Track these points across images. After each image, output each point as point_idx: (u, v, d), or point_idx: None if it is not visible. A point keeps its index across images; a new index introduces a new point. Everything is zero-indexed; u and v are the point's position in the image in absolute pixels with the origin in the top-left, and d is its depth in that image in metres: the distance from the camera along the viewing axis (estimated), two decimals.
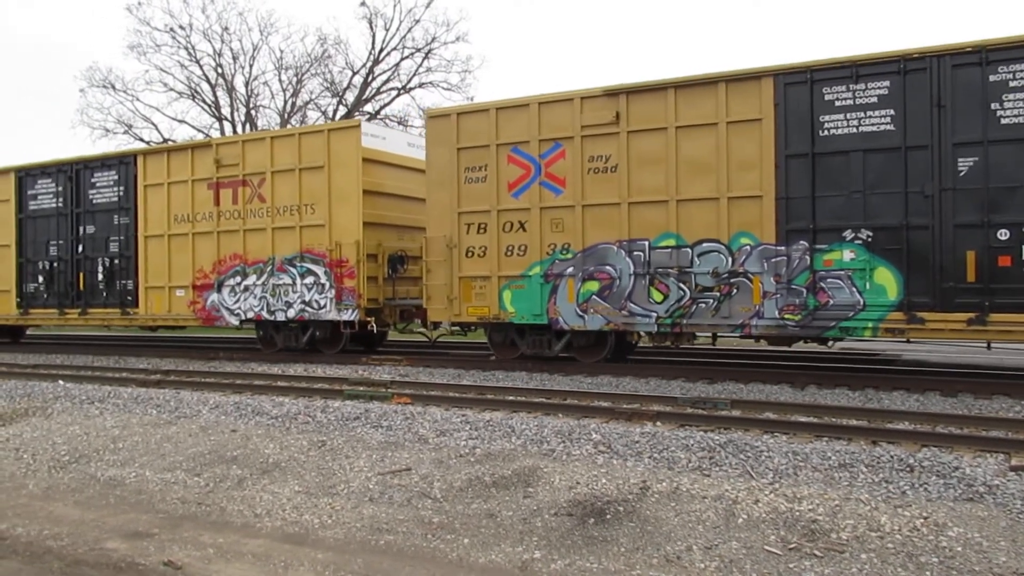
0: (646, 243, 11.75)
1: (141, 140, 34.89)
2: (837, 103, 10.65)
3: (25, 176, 18.74)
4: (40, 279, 18.60)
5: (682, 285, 11.49)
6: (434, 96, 38.35)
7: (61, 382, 12.70)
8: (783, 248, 10.89)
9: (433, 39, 34.36)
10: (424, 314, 14.50)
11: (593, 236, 12.15)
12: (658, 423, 8.34)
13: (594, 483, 6.30)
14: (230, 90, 35.58)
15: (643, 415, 8.57)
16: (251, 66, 36.06)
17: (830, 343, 11.85)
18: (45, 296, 18.54)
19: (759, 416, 8.52)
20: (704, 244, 11.40)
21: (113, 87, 35.00)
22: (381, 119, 34.39)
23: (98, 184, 17.64)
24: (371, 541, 5.58)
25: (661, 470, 6.64)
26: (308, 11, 46.30)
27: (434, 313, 13.63)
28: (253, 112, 35.87)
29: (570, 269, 12.28)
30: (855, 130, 10.56)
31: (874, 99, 10.47)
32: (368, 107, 35.43)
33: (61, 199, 18.14)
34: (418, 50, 34.57)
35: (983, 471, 6.09)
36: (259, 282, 15.42)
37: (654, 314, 11.68)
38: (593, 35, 67.34)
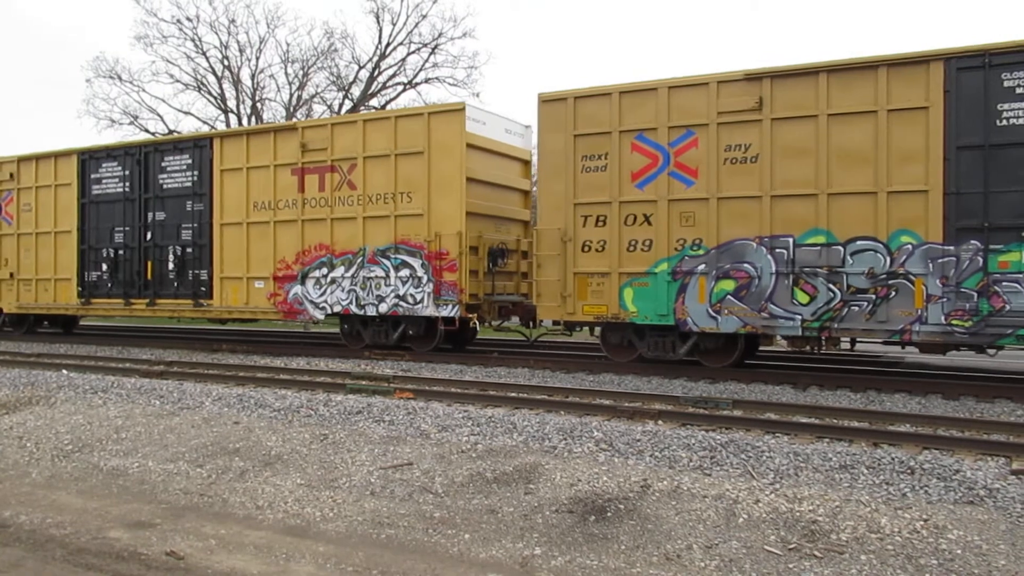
0: (790, 240, 10.89)
1: (146, 131, 34.98)
2: (1019, 90, 9.79)
3: (88, 159, 17.90)
4: (104, 267, 17.72)
5: (832, 286, 10.62)
6: (440, 92, 38.37)
7: (65, 371, 12.74)
8: (951, 248, 10.05)
9: (440, 34, 34.36)
10: (522, 311, 13.94)
11: (729, 231, 11.27)
12: (660, 422, 8.35)
13: (595, 481, 6.31)
14: (236, 82, 35.61)
15: (645, 414, 8.58)
16: (257, 59, 36.29)
17: (993, 352, 11.06)
18: (109, 285, 17.66)
19: (761, 416, 8.53)
20: (858, 242, 10.53)
21: (119, 78, 35.07)
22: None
23: (169, 168, 16.81)
24: (372, 535, 5.60)
25: (662, 469, 6.65)
26: (315, 5, 46.35)
27: (545, 311, 12.74)
28: (259, 105, 35.91)
29: (702, 266, 11.42)
30: None
31: None
32: (374, 102, 35.45)
33: (128, 183, 17.31)
34: (424, 45, 34.57)
35: (984, 474, 6.10)
36: (348, 274, 14.53)
37: (799, 316, 10.80)
38: (597, 32, 67.29)
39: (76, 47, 59.26)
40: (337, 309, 14.72)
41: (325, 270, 14.79)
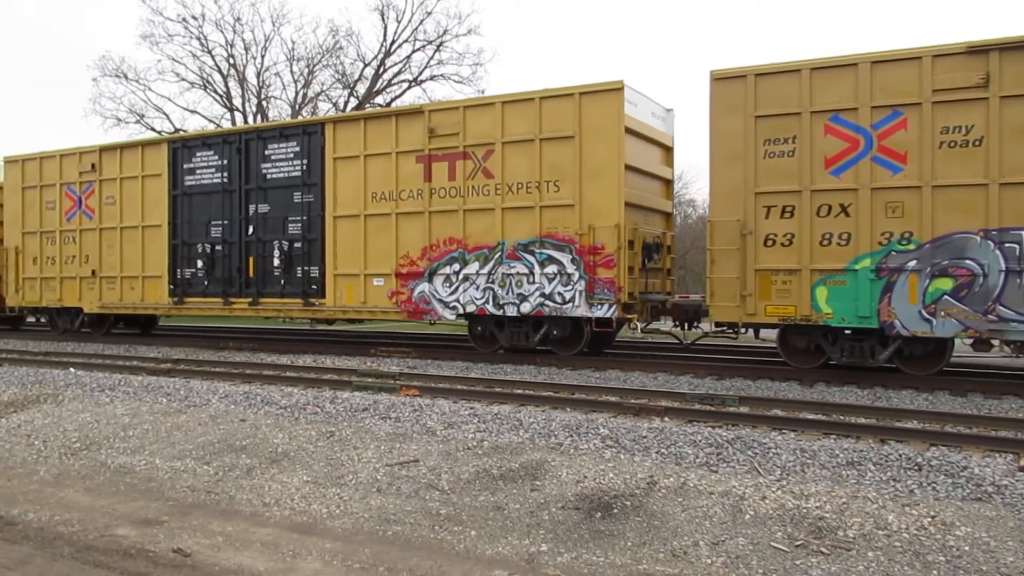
0: (1023, 233, 9.86)
1: (152, 130, 35.07)
2: None
3: (180, 148, 16.78)
4: (199, 264, 16.49)
5: None
6: (445, 89, 38.41)
7: (72, 370, 12.79)
8: None
9: (445, 31, 34.41)
10: (678, 311, 12.98)
11: (946, 224, 10.08)
12: (666, 418, 8.33)
13: (601, 477, 6.31)
14: (242, 81, 35.68)
15: (651, 410, 8.57)
16: (263, 57, 36.20)
17: None
18: (206, 283, 16.41)
19: (767, 413, 8.51)
20: None
21: (125, 76, 35.19)
22: None
23: (273, 157, 15.60)
24: (379, 532, 5.61)
25: (668, 465, 6.64)
26: (320, 2, 46.37)
27: (720, 312, 11.45)
28: (264, 103, 35.98)
29: (912, 263, 10.25)
30: None
31: None
32: (379, 99, 35.48)
33: (226, 173, 16.13)
34: (430, 42, 34.61)
35: (992, 471, 6.07)
36: (483, 271, 13.31)
37: None
38: (600, 28, 67.18)
39: (79, 47, 59.46)
40: (471, 309, 13.48)
41: (456, 266, 13.60)
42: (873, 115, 10.51)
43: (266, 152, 15.73)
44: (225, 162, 16.20)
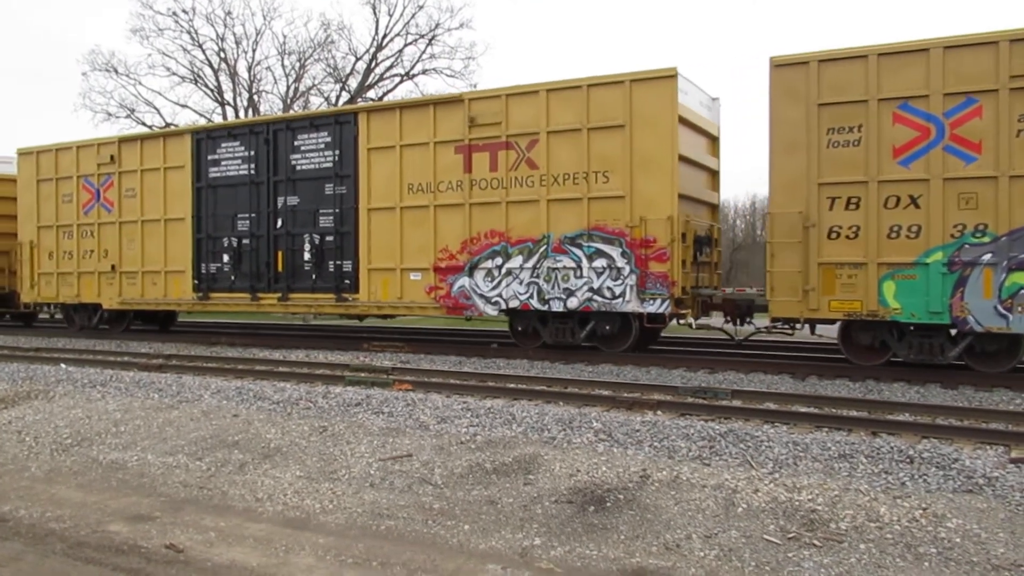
0: None
1: (143, 124, 34.87)
2: None
3: (204, 139, 16.33)
4: (225, 258, 16.06)
5: None
6: (437, 83, 38.29)
7: (63, 365, 12.73)
8: None
9: (437, 25, 34.34)
10: (731, 306, 12.50)
11: (1023, 215, 9.81)
12: (659, 412, 8.35)
13: (594, 471, 6.32)
14: (233, 75, 35.52)
15: (644, 404, 8.58)
16: (254, 51, 36.09)
17: None
18: (232, 279, 15.98)
19: (760, 406, 8.54)
20: None
21: (116, 71, 34.98)
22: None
23: (303, 148, 15.16)
24: (372, 526, 5.60)
25: (661, 459, 6.65)
26: None
27: (780, 307, 11.11)
28: (256, 97, 35.83)
29: (987, 256, 9.89)
30: None
31: None
32: (371, 93, 35.38)
33: (253, 165, 15.66)
34: (422, 36, 34.53)
35: (983, 463, 6.11)
36: (527, 265, 12.93)
37: None
38: (596, 22, 67.13)
39: (71, 42, 59.06)
40: (514, 304, 13.08)
41: (499, 260, 13.20)
42: (945, 103, 10.14)
43: (295, 143, 15.30)
44: (252, 153, 15.76)
